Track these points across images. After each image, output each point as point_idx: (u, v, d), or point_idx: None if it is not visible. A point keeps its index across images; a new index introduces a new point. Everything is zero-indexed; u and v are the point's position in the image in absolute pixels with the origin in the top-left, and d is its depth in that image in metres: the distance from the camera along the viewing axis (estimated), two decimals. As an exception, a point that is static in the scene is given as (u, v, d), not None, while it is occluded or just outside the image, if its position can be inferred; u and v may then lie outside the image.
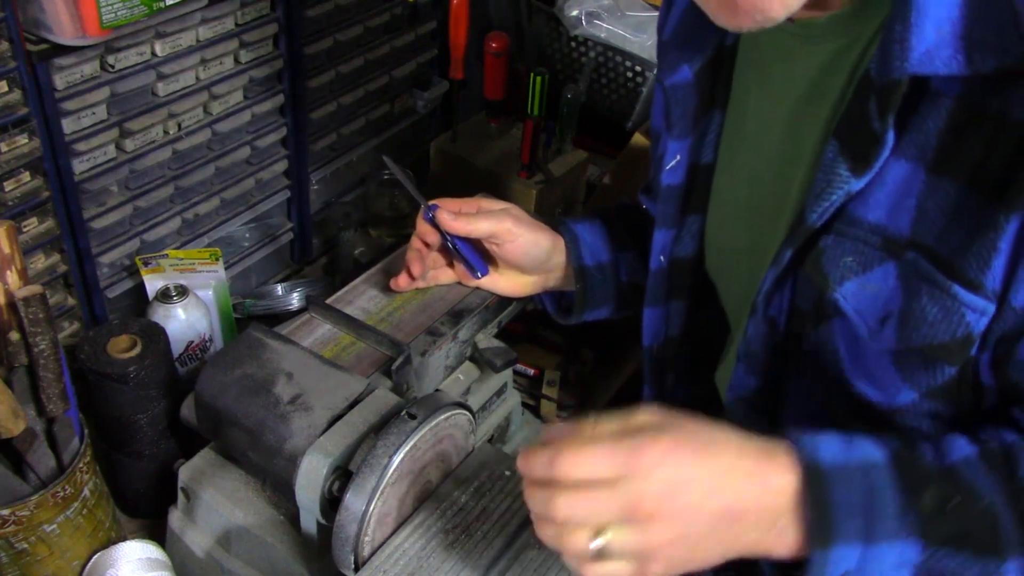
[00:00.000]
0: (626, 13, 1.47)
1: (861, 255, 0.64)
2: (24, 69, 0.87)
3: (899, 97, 0.59)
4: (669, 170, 0.85)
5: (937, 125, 0.59)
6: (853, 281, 0.64)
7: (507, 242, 0.94)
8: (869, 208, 0.63)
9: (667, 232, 0.88)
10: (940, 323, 0.61)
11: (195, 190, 1.13)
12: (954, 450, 0.62)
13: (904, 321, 0.62)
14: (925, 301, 0.61)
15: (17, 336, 0.73)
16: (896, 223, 0.62)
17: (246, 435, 0.81)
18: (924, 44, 0.57)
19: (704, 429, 0.60)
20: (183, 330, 1.01)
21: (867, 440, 0.61)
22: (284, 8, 1.12)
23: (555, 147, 1.38)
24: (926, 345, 0.62)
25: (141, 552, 0.83)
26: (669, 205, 0.86)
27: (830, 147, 0.64)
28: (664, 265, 0.89)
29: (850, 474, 0.59)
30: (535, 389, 1.14)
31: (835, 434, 0.61)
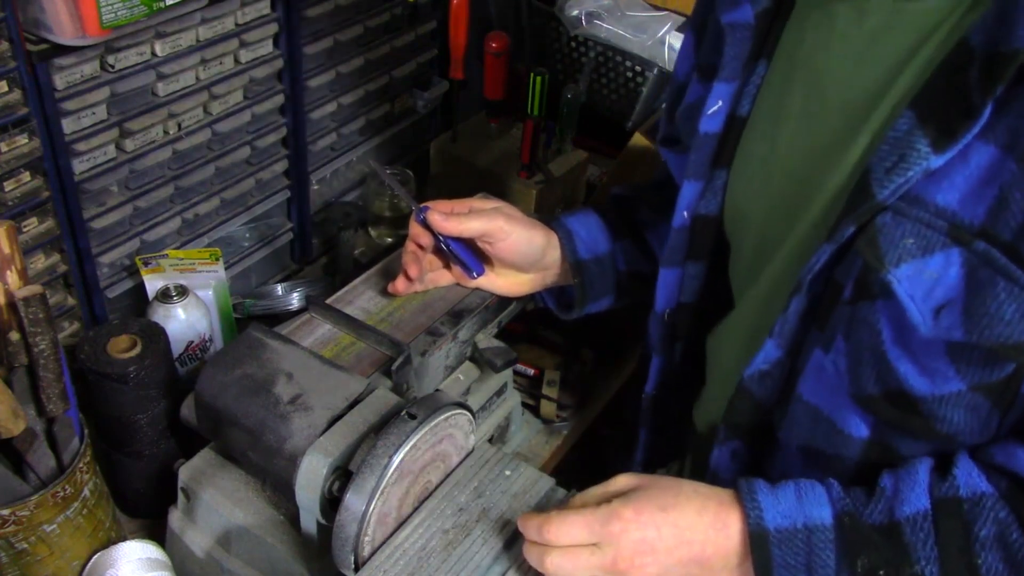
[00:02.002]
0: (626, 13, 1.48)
1: (922, 238, 0.61)
2: (24, 69, 0.87)
3: (1013, 70, 0.55)
4: (710, 115, 0.81)
5: None
6: (910, 264, 0.61)
7: (499, 241, 0.94)
8: (941, 189, 0.60)
9: (696, 184, 0.84)
10: (1018, 322, 0.58)
11: (195, 190, 1.13)
12: (909, 502, 0.66)
13: (972, 315, 0.60)
14: (1003, 298, 0.58)
15: (17, 336, 0.73)
16: (969, 210, 0.59)
17: (246, 435, 0.81)
18: None
19: (670, 491, 0.70)
20: (183, 330, 1.01)
21: (818, 497, 0.68)
22: (284, 8, 1.12)
23: (555, 147, 1.38)
24: (999, 343, 0.60)
25: (141, 552, 0.83)
26: (702, 153, 0.82)
27: (904, 118, 0.61)
28: (687, 222, 0.86)
29: (793, 537, 0.66)
30: (535, 389, 1.14)
31: (788, 490, 0.68)
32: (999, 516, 0.63)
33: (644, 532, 0.68)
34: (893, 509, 0.66)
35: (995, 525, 0.63)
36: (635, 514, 0.68)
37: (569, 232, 0.99)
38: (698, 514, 0.69)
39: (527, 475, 0.83)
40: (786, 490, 0.69)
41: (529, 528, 0.71)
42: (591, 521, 0.69)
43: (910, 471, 0.67)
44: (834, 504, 0.67)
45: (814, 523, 0.66)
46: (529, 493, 0.82)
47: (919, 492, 0.66)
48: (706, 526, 0.68)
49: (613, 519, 0.68)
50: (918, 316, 0.62)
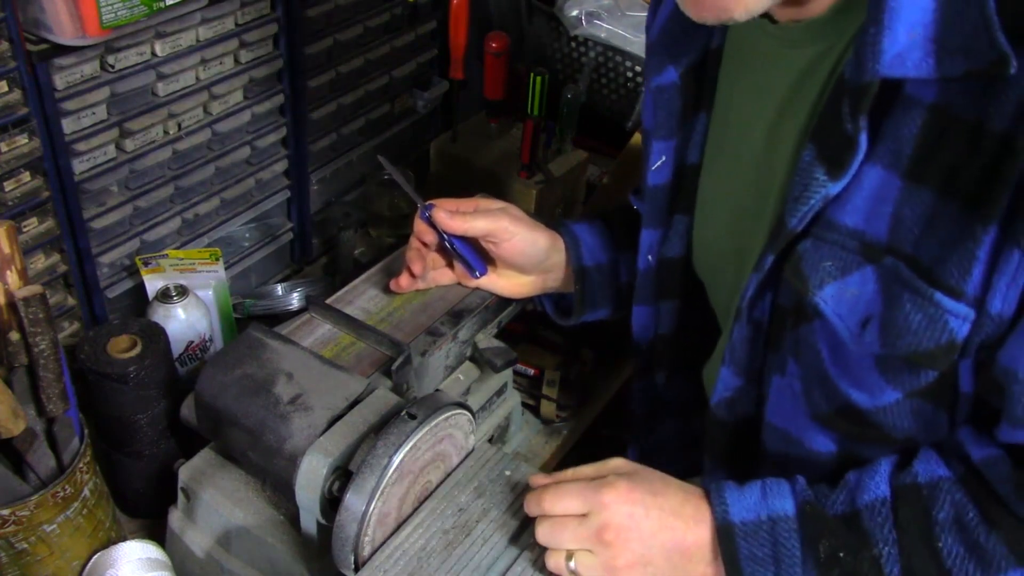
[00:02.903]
0: (626, 13, 1.48)
1: (839, 259, 0.65)
2: (24, 69, 0.87)
3: (870, 99, 0.59)
4: (654, 170, 0.86)
5: (912, 131, 0.60)
6: (832, 285, 0.65)
7: (504, 241, 0.94)
8: (846, 212, 0.64)
9: (654, 232, 0.89)
10: (924, 330, 0.62)
11: (195, 190, 1.13)
12: (868, 490, 0.68)
13: (886, 327, 0.63)
14: (908, 308, 0.62)
15: (17, 336, 0.73)
16: (873, 228, 0.63)
17: (246, 435, 0.81)
18: (896, 47, 0.57)
19: (658, 478, 0.74)
20: (183, 330, 1.01)
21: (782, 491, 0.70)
22: (284, 8, 1.12)
23: (555, 147, 1.38)
24: (911, 352, 0.63)
25: (141, 552, 0.83)
26: (655, 205, 0.88)
27: (807, 151, 0.65)
28: (652, 265, 0.90)
29: (758, 529, 0.69)
30: (535, 389, 1.14)
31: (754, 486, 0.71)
32: (955, 498, 0.66)
33: (633, 508, 0.70)
34: (854, 498, 0.69)
35: (952, 507, 0.65)
36: (628, 489, 0.71)
37: (575, 238, 0.99)
38: (681, 504, 0.71)
39: (527, 475, 0.83)
40: (752, 487, 0.72)
41: (529, 501, 0.75)
42: (584, 489, 0.71)
43: (873, 464, 0.70)
44: (797, 495, 0.70)
45: (777, 514, 0.69)
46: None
47: (879, 481, 0.68)
48: (688, 516, 0.71)
49: (606, 489, 0.71)
50: (846, 332, 0.66)
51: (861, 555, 0.67)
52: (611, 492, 0.70)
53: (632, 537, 0.70)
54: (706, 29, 0.80)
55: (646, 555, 0.70)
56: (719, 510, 0.70)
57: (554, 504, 0.72)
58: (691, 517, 0.71)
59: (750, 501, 0.70)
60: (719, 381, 0.79)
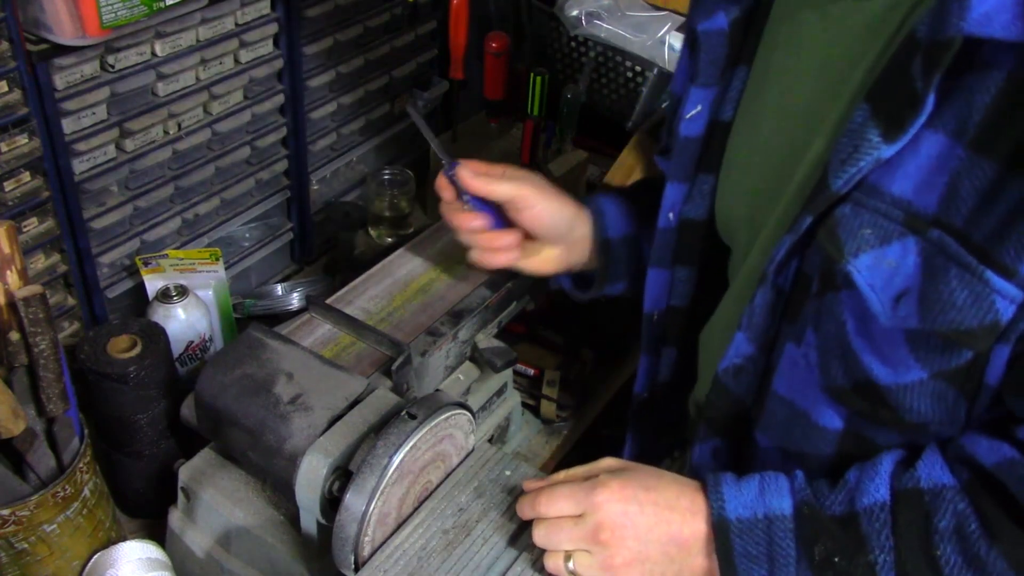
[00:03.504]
0: (626, 13, 1.48)
1: (880, 228, 0.62)
2: (24, 69, 0.87)
3: (949, 57, 0.56)
4: (688, 119, 0.82)
5: (984, 99, 0.57)
6: (869, 254, 0.62)
7: (527, 208, 0.91)
8: (895, 179, 0.61)
9: (679, 186, 0.85)
10: (969, 308, 0.59)
11: (195, 190, 1.13)
12: (868, 493, 0.67)
13: (926, 302, 0.60)
14: (954, 284, 0.59)
15: (17, 336, 0.73)
16: (923, 198, 0.60)
17: (246, 435, 0.81)
18: (985, 5, 0.54)
19: (651, 473, 0.73)
20: (183, 330, 1.01)
21: (780, 488, 0.69)
22: (284, 8, 1.12)
23: (555, 147, 1.38)
24: (951, 330, 0.60)
25: (141, 552, 0.83)
26: (684, 157, 0.84)
27: (859, 110, 0.62)
28: (673, 224, 0.87)
29: (753, 527, 0.68)
30: (535, 389, 1.14)
31: (752, 482, 0.70)
32: (958, 508, 0.64)
33: (627, 506, 0.70)
34: (853, 500, 0.67)
35: (954, 517, 0.63)
36: (620, 487, 0.70)
37: (600, 210, 0.97)
38: (676, 497, 0.71)
39: (527, 475, 0.83)
40: (750, 482, 0.70)
41: (523, 504, 0.74)
42: (576, 491, 0.71)
43: (874, 463, 0.68)
44: (795, 494, 0.69)
45: (774, 513, 0.68)
46: (529, 493, 0.82)
47: (879, 483, 0.67)
48: (683, 509, 0.70)
49: (599, 489, 0.70)
50: (878, 305, 0.63)
51: (856, 560, 0.65)
52: (604, 491, 0.70)
53: (627, 535, 0.69)
54: None
55: (643, 551, 0.70)
56: (715, 505, 0.69)
57: (548, 507, 0.72)
58: (687, 510, 0.70)
59: (747, 498, 0.69)
60: (731, 347, 0.76)
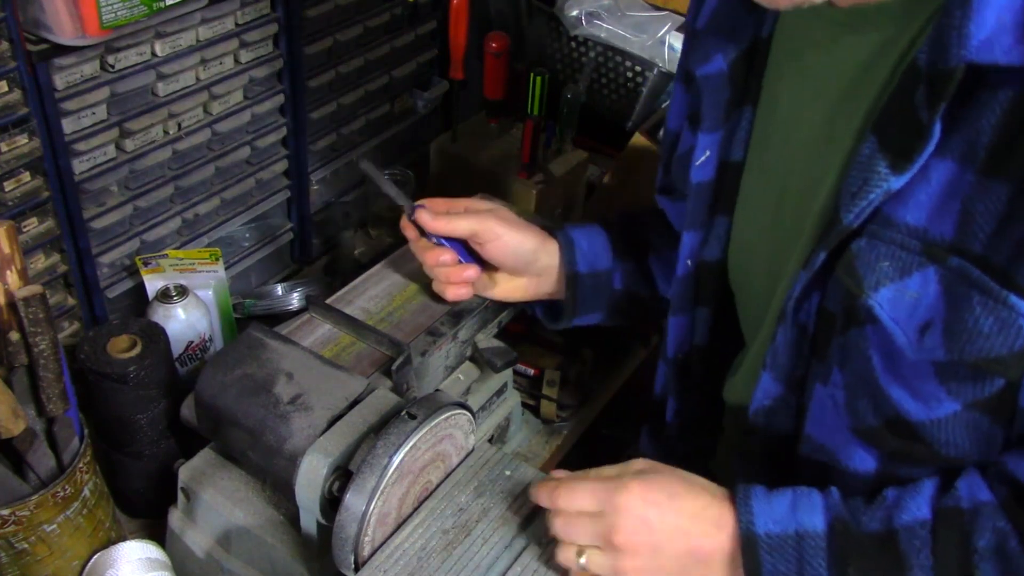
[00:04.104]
0: (626, 13, 1.48)
1: (898, 260, 0.61)
2: (24, 69, 0.87)
3: (953, 86, 0.55)
4: (699, 166, 0.81)
5: (991, 122, 0.56)
6: (889, 287, 0.61)
7: (489, 242, 0.93)
8: (908, 209, 0.60)
9: (695, 234, 0.85)
10: (996, 335, 0.58)
11: (195, 190, 1.13)
12: (908, 511, 0.65)
13: (952, 332, 0.59)
14: (979, 312, 0.58)
15: (17, 336, 0.73)
16: (938, 227, 0.59)
17: (246, 435, 0.81)
18: (984, 31, 0.54)
19: (680, 479, 0.71)
20: (183, 330, 1.01)
21: (813, 504, 0.67)
22: (284, 8, 1.12)
23: (555, 147, 1.38)
24: (981, 359, 0.59)
25: (141, 552, 0.83)
26: (699, 203, 0.83)
27: (867, 143, 0.61)
28: (691, 270, 0.86)
29: (783, 543, 0.66)
30: (535, 389, 1.14)
31: (784, 496, 0.68)
32: (998, 526, 0.62)
33: (647, 511, 0.68)
34: (891, 517, 0.65)
35: (994, 535, 0.62)
36: (643, 491, 0.68)
37: (571, 242, 0.97)
38: (703, 508, 0.69)
39: (527, 475, 0.83)
40: (782, 497, 0.68)
41: (541, 494, 0.73)
42: (598, 489, 0.70)
43: (916, 484, 0.67)
44: (829, 510, 0.67)
45: (806, 530, 0.66)
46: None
47: (920, 502, 0.65)
48: (708, 521, 0.68)
49: (621, 490, 0.68)
50: (903, 339, 0.62)
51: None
52: (625, 493, 0.68)
53: (643, 541, 0.68)
54: (757, 16, 0.76)
55: (656, 561, 0.68)
56: (744, 519, 0.67)
57: (568, 500, 0.70)
58: (712, 522, 0.68)
59: (778, 512, 0.67)
60: (759, 388, 0.75)
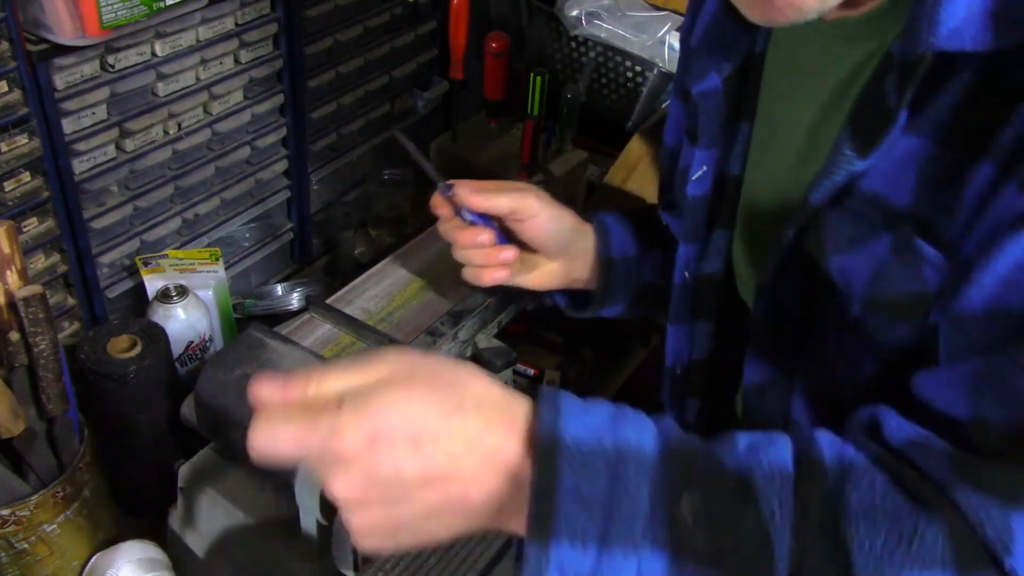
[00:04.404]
0: (626, 13, 1.48)
1: (860, 227, 0.63)
2: (24, 69, 0.87)
3: (921, 72, 0.57)
4: (695, 180, 0.82)
5: (954, 99, 0.58)
6: (850, 254, 0.63)
7: (529, 218, 0.89)
8: (871, 178, 0.62)
9: (691, 246, 0.85)
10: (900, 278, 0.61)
11: (195, 190, 1.13)
12: (767, 454, 0.53)
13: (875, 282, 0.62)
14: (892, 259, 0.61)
15: (17, 336, 0.73)
16: (896, 195, 0.61)
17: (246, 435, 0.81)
18: (954, 20, 0.55)
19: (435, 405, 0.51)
20: (183, 330, 1.01)
21: (640, 423, 0.53)
22: (284, 8, 1.12)
23: (555, 147, 1.38)
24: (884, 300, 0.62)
25: (141, 552, 0.83)
26: (695, 217, 0.84)
27: (843, 132, 0.63)
28: (689, 281, 0.86)
29: (593, 457, 0.50)
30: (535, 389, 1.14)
31: (602, 406, 0.54)
32: (876, 482, 0.52)
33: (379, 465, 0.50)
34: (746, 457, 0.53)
35: (870, 492, 0.52)
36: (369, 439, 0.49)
37: (605, 227, 0.96)
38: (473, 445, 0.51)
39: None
40: (600, 407, 0.54)
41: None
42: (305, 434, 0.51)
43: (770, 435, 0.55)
44: (662, 432, 0.53)
45: (628, 445, 0.51)
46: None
47: (781, 447, 0.54)
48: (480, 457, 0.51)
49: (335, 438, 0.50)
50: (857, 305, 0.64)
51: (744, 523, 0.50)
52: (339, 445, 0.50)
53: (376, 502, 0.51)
54: (751, 32, 0.77)
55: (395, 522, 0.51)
56: (547, 418, 0.51)
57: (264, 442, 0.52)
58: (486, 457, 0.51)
59: (593, 420, 0.52)
60: (747, 366, 0.76)
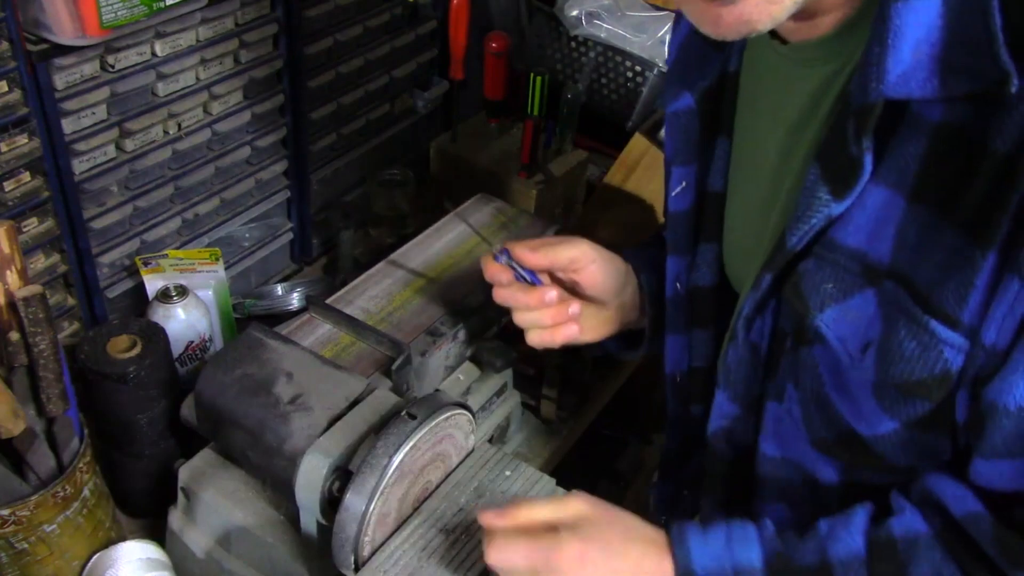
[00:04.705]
0: (626, 13, 1.48)
1: (841, 281, 0.63)
2: (24, 69, 0.87)
3: (874, 120, 0.58)
4: (675, 196, 0.84)
5: (917, 150, 0.58)
6: (834, 308, 0.63)
7: (587, 266, 0.87)
8: (849, 233, 0.62)
9: (679, 260, 0.86)
10: (918, 359, 0.60)
11: (195, 190, 1.14)
12: (842, 542, 0.65)
13: (883, 354, 0.62)
14: (903, 335, 0.60)
15: (17, 336, 0.73)
16: (875, 250, 0.61)
17: (246, 435, 0.81)
18: (900, 66, 0.56)
19: (617, 531, 0.69)
20: (183, 330, 1.01)
21: (748, 538, 0.67)
22: (284, 8, 1.12)
23: (555, 147, 1.38)
24: (904, 381, 0.61)
25: (141, 552, 0.83)
26: (678, 231, 0.85)
27: (812, 170, 0.63)
28: (681, 293, 0.87)
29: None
30: (535, 389, 1.14)
31: (719, 532, 0.68)
32: (934, 556, 0.63)
33: (584, 571, 0.67)
34: (826, 549, 0.66)
35: (930, 566, 0.63)
36: (579, 553, 0.67)
37: (637, 263, 0.94)
38: (640, 559, 0.68)
39: (527, 475, 0.83)
40: (717, 532, 0.68)
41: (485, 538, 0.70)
42: (533, 549, 0.67)
43: (848, 514, 0.67)
44: (764, 544, 0.67)
45: (742, 565, 0.66)
46: (529, 493, 0.82)
47: (854, 532, 0.65)
48: (647, 573, 0.68)
49: (556, 550, 0.67)
50: (847, 358, 0.64)
51: None
52: (560, 555, 0.67)
53: None
54: (723, 53, 0.79)
55: None
56: (680, 557, 0.67)
57: (501, 557, 0.68)
58: (650, 573, 0.68)
59: (715, 548, 0.67)
60: (714, 409, 0.77)
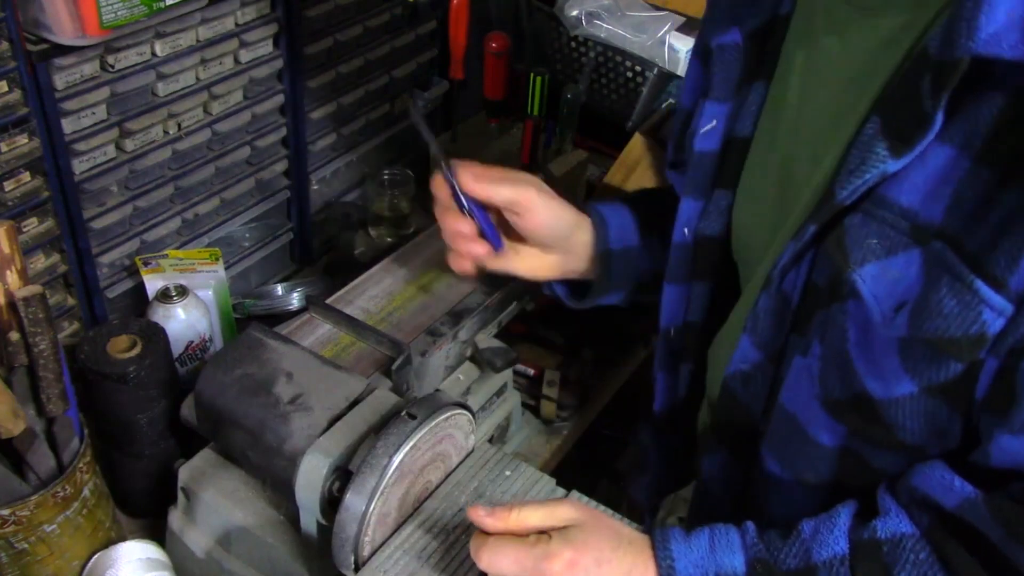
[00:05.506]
0: (626, 13, 1.48)
1: (886, 238, 0.62)
2: (24, 69, 0.87)
3: (957, 77, 0.56)
4: (704, 134, 0.81)
5: (991, 113, 0.57)
6: (874, 264, 0.62)
7: (528, 211, 0.88)
8: (903, 191, 0.61)
9: (694, 203, 0.84)
10: (956, 316, 0.59)
11: (195, 190, 1.14)
12: (826, 545, 0.66)
13: (919, 310, 0.61)
14: (944, 292, 0.59)
15: (17, 336, 0.73)
16: (929, 210, 0.60)
17: (246, 435, 0.81)
18: (993, 25, 0.55)
19: (608, 540, 0.69)
20: (183, 330, 1.01)
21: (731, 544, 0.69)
22: (284, 8, 1.12)
23: (555, 147, 1.38)
24: (937, 338, 0.60)
25: (141, 552, 0.83)
26: (699, 172, 0.83)
27: (870, 124, 0.62)
28: (689, 240, 0.85)
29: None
30: (535, 389, 1.14)
31: (702, 538, 0.69)
32: (919, 558, 0.63)
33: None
34: (810, 552, 0.66)
35: (915, 567, 0.63)
36: (570, 562, 0.67)
37: (603, 219, 0.94)
38: (628, 571, 0.69)
39: (527, 475, 0.83)
40: (699, 538, 0.70)
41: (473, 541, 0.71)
42: (524, 556, 0.68)
43: (831, 515, 0.68)
44: (747, 550, 0.68)
45: (725, 571, 0.67)
46: (529, 493, 0.82)
47: (837, 535, 0.66)
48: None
49: (547, 560, 0.67)
50: (878, 316, 0.63)
51: None
52: (551, 563, 0.67)
53: None
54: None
55: None
56: (664, 565, 0.69)
57: (491, 563, 0.68)
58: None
59: (697, 555, 0.69)
60: (737, 351, 0.75)
